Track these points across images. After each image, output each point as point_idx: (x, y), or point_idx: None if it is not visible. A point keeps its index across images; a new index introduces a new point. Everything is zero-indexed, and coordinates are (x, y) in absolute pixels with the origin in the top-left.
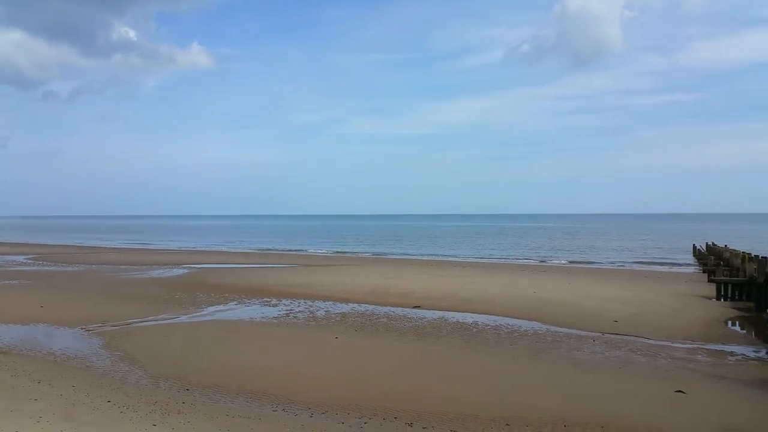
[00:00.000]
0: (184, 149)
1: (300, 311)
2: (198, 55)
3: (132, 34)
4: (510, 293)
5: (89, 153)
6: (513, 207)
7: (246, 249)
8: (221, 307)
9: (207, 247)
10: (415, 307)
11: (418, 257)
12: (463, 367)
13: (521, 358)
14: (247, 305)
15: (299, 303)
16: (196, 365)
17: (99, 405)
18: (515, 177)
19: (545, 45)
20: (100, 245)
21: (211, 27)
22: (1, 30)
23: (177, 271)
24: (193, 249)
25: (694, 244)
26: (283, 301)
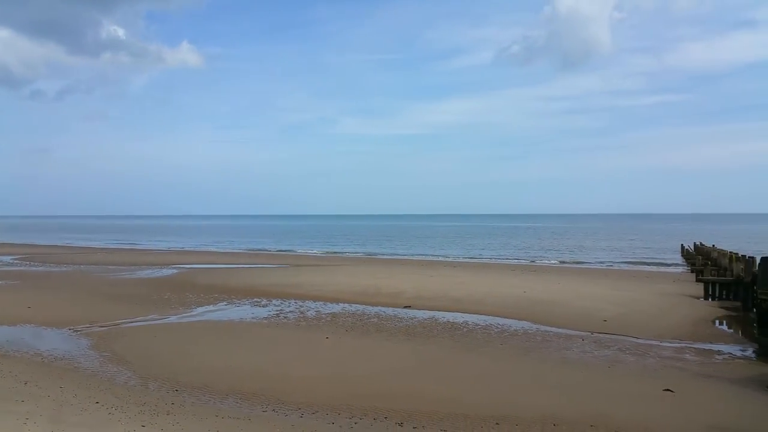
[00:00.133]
0: (173, 149)
1: (290, 311)
2: (188, 54)
3: (121, 32)
4: (500, 293)
5: (77, 152)
6: (503, 207)
7: (236, 249)
8: (211, 308)
9: (197, 248)
10: (406, 307)
11: (408, 257)
12: (454, 367)
13: (511, 357)
14: (237, 305)
15: (290, 303)
16: (185, 366)
17: (87, 406)
18: (505, 177)
19: (535, 46)
20: (88, 245)
21: (201, 26)
22: None
23: (166, 272)
24: (183, 249)
25: (682, 243)
26: (274, 302)
